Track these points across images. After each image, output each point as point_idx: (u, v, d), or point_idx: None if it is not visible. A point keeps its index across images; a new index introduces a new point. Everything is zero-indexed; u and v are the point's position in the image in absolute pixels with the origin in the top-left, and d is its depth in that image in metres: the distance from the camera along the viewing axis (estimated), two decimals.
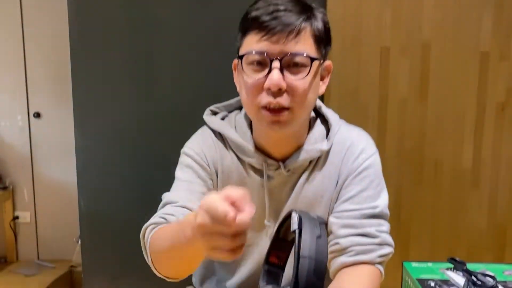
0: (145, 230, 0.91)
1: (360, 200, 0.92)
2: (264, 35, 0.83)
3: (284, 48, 0.83)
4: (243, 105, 0.94)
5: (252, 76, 0.86)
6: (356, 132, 1.00)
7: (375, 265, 0.88)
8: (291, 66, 0.84)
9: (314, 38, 0.86)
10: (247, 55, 0.86)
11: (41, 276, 2.81)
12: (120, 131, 1.59)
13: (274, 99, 0.84)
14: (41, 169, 3.15)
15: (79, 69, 1.57)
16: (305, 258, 0.55)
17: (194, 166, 0.98)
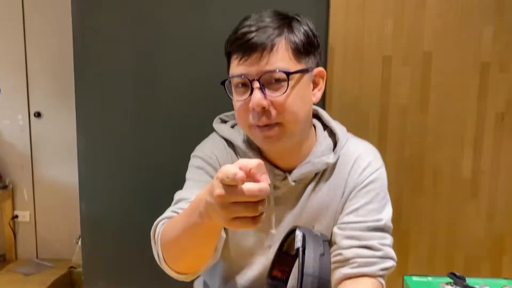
0: (156, 225, 0.92)
1: (364, 213, 0.94)
2: (241, 58, 0.86)
3: (260, 67, 0.85)
4: (238, 124, 0.98)
5: (238, 99, 0.89)
6: (363, 145, 1.02)
7: (377, 278, 0.89)
8: (272, 83, 0.86)
9: (291, 51, 0.87)
10: (231, 79, 0.90)
11: (40, 275, 2.82)
12: (122, 133, 1.60)
13: (260, 120, 0.87)
14: (41, 169, 3.16)
15: (82, 71, 1.58)
16: (309, 276, 0.56)
17: (206, 167, 0.99)
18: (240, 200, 0.60)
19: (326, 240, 0.61)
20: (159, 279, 1.61)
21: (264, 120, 0.86)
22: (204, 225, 0.70)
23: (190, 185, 0.99)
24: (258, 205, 0.61)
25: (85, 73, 1.58)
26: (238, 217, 0.62)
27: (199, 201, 0.70)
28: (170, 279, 1.43)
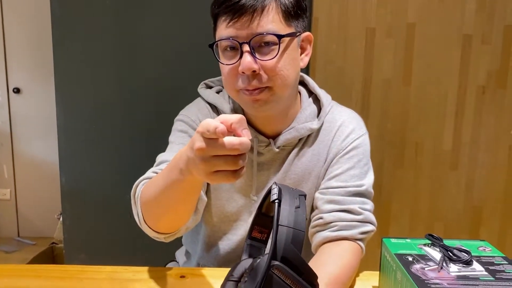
0: (137, 186, 0.91)
1: (346, 178, 0.94)
2: (230, 20, 0.83)
3: (250, 30, 0.82)
4: (225, 90, 0.95)
5: (226, 63, 0.86)
6: (347, 112, 1.02)
7: (356, 242, 0.90)
8: (262, 46, 0.84)
9: (282, 14, 0.85)
10: (218, 42, 0.87)
11: (21, 252, 2.80)
12: (102, 107, 1.58)
13: (250, 83, 0.85)
14: (21, 146, 3.11)
15: (60, 45, 1.54)
16: (284, 227, 0.56)
17: (189, 130, 0.98)
18: (220, 153, 0.60)
19: (302, 195, 0.62)
20: (141, 251, 1.62)
21: (255, 84, 0.84)
22: (185, 181, 0.70)
23: (172, 147, 0.98)
24: (239, 159, 0.60)
25: (64, 46, 1.54)
26: (218, 171, 0.62)
27: (180, 158, 0.69)
28: (152, 251, 1.43)
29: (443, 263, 0.73)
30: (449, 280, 0.68)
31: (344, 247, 0.88)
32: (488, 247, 0.81)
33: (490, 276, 0.70)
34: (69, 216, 1.66)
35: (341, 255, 0.86)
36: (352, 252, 0.88)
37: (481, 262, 0.74)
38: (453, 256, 0.75)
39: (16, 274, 0.91)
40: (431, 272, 0.71)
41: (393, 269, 0.77)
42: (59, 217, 2.51)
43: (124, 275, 0.91)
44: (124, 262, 0.96)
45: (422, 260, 0.75)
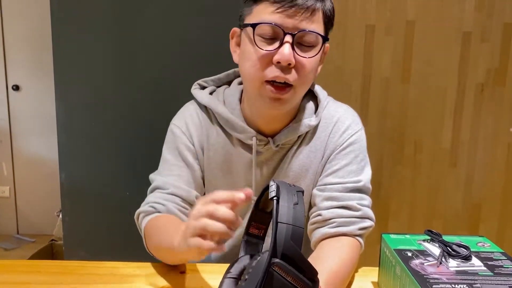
0: (138, 216, 0.97)
1: (343, 174, 0.94)
2: (280, 7, 0.81)
3: (299, 24, 0.81)
4: (244, 78, 0.92)
5: (261, 48, 0.83)
6: (343, 108, 1.02)
7: (355, 237, 0.90)
8: (302, 45, 0.84)
9: (324, 19, 0.86)
10: (260, 25, 0.83)
11: (21, 250, 2.80)
12: (102, 104, 1.58)
13: (282, 74, 0.83)
14: (21, 143, 3.10)
15: (60, 41, 1.54)
16: (283, 224, 0.56)
17: (181, 147, 0.98)
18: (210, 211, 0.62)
19: (300, 191, 0.62)
20: (141, 248, 1.62)
21: (285, 78, 0.83)
22: (178, 253, 0.73)
23: (164, 168, 0.98)
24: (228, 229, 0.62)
25: (64, 43, 1.54)
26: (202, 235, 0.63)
27: (176, 233, 0.72)
28: None
29: (442, 258, 0.73)
30: (448, 275, 0.68)
31: (343, 243, 0.88)
32: (487, 243, 0.82)
33: (489, 271, 0.70)
34: (68, 213, 1.66)
35: (340, 250, 0.87)
36: (351, 248, 0.88)
37: (480, 258, 0.75)
38: (452, 251, 0.75)
39: (16, 269, 0.91)
40: (430, 267, 0.71)
41: (393, 264, 0.77)
42: (59, 214, 2.52)
43: (124, 270, 0.91)
44: (124, 259, 0.97)
45: (421, 256, 0.75)
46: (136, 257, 1.57)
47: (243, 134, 0.95)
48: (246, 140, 0.95)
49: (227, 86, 1.02)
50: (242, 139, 0.95)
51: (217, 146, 0.97)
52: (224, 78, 1.05)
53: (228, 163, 0.98)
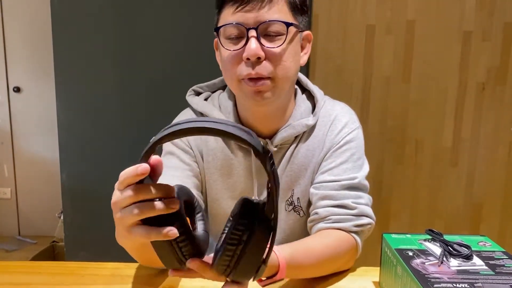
0: None
1: (339, 172, 0.94)
2: (238, 6, 0.82)
3: (259, 16, 0.82)
4: (225, 81, 0.93)
5: (229, 49, 0.85)
6: (340, 106, 1.01)
7: (351, 234, 0.90)
8: (268, 35, 0.83)
9: (289, 6, 0.85)
10: (223, 28, 0.85)
11: (22, 251, 2.80)
12: (102, 105, 1.58)
13: (254, 70, 0.83)
14: (22, 144, 3.11)
15: (60, 43, 1.54)
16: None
17: (176, 151, 0.97)
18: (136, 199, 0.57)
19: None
20: None
21: (258, 71, 0.82)
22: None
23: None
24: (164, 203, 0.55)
25: (64, 44, 1.54)
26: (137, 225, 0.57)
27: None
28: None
29: (444, 257, 0.73)
30: (450, 275, 0.68)
31: (332, 234, 0.88)
32: (488, 242, 0.81)
33: (490, 270, 0.70)
34: (69, 214, 1.66)
35: (325, 235, 0.88)
36: (339, 239, 0.88)
37: (481, 257, 0.74)
38: (453, 250, 0.75)
39: (18, 270, 0.91)
40: (431, 266, 0.71)
41: (394, 264, 0.77)
42: (60, 216, 2.52)
43: (125, 271, 0.91)
44: (125, 260, 0.96)
45: (422, 255, 0.75)
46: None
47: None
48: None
49: (222, 91, 1.02)
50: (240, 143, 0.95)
51: (215, 151, 0.97)
52: (218, 83, 1.05)
53: (228, 167, 0.97)
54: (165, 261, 0.59)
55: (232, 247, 0.56)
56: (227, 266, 0.57)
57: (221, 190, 0.99)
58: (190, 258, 0.58)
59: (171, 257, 0.57)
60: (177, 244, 0.57)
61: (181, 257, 0.58)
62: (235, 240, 0.56)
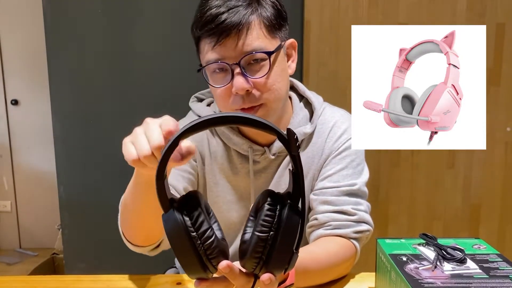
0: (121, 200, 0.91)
1: (338, 178, 0.94)
2: (216, 41, 0.82)
3: (238, 50, 0.82)
4: (220, 110, 0.95)
5: (218, 85, 0.86)
6: (340, 113, 1.02)
7: (350, 240, 0.90)
8: (252, 64, 0.84)
9: (265, 28, 0.85)
10: (206, 66, 0.86)
11: (23, 264, 2.79)
12: (98, 116, 1.58)
13: (245, 103, 0.85)
14: (21, 157, 3.11)
15: (55, 56, 1.55)
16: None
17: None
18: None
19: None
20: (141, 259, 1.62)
21: (249, 103, 0.85)
22: (138, 176, 0.71)
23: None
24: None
25: (58, 57, 1.55)
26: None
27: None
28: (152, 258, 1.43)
29: (437, 262, 0.73)
30: (443, 279, 0.68)
31: (335, 241, 0.89)
32: (483, 245, 0.81)
33: (484, 274, 0.70)
34: (68, 226, 1.66)
35: (328, 242, 0.88)
36: (341, 246, 0.88)
37: (475, 260, 0.74)
38: (447, 254, 0.75)
39: (13, 286, 0.91)
40: (425, 271, 0.71)
41: (388, 269, 0.77)
42: (59, 228, 2.52)
43: (120, 283, 0.91)
44: (124, 270, 0.96)
45: (416, 260, 0.75)
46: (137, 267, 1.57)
47: (239, 145, 0.95)
48: (243, 151, 0.96)
49: None
50: (239, 150, 0.96)
51: (216, 154, 0.98)
52: None
53: (228, 172, 0.98)
54: (189, 269, 0.56)
55: (264, 235, 0.55)
56: (259, 258, 0.55)
57: (221, 193, 0.99)
58: (218, 263, 0.56)
59: (196, 264, 0.55)
60: (204, 251, 0.55)
61: (208, 263, 0.55)
62: (266, 228, 0.55)
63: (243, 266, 0.58)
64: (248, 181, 0.98)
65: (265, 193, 0.59)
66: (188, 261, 0.55)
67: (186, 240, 0.54)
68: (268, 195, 0.58)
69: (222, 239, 0.60)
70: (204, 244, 0.55)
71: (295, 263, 0.58)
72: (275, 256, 0.55)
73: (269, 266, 0.56)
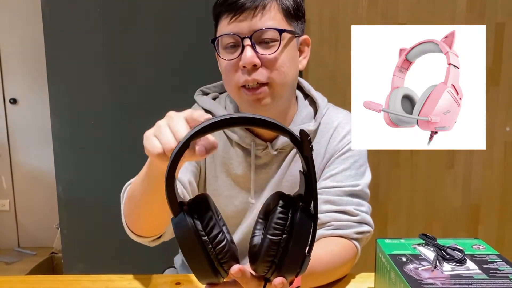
0: (125, 188, 0.91)
1: (341, 179, 0.95)
2: (232, 16, 0.85)
3: (252, 25, 0.84)
4: (226, 89, 0.96)
5: (225, 58, 0.87)
6: (343, 114, 1.02)
7: (351, 241, 0.90)
8: (264, 42, 0.86)
9: (282, 13, 0.87)
10: (219, 39, 0.88)
11: (22, 263, 2.79)
12: (96, 114, 1.58)
13: (250, 77, 0.85)
14: (19, 156, 3.10)
15: (53, 55, 1.55)
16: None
17: None
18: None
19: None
20: (140, 258, 1.62)
21: (255, 78, 0.85)
22: (149, 166, 0.71)
23: None
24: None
25: (57, 55, 1.55)
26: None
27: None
28: (151, 258, 1.43)
29: (437, 262, 0.73)
30: (443, 280, 0.68)
31: (337, 242, 0.89)
32: (482, 245, 0.81)
33: (484, 274, 0.70)
34: (66, 226, 1.66)
35: (331, 243, 0.88)
36: (343, 247, 0.89)
37: (474, 261, 0.74)
38: (447, 255, 0.75)
39: (11, 286, 0.91)
40: (424, 272, 0.71)
41: (387, 269, 0.77)
42: (58, 227, 2.51)
43: (119, 283, 0.91)
44: (123, 270, 0.96)
45: (416, 260, 0.75)
46: (136, 267, 1.57)
47: (242, 139, 0.95)
48: (245, 144, 0.96)
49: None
50: (242, 143, 0.96)
51: (219, 149, 0.98)
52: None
53: (228, 166, 0.98)
54: (200, 274, 0.55)
55: (277, 238, 0.54)
56: (272, 262, 0.54)
57: (220, 187, 1.00)
58: (229, 267, 0.54)
59: (208, 269, 0.54)
60: (215, 255, 0.54)
61: (219, 267, 0.54)
62: (279, 231, 0.54)
63: (255, 270, 0.57)
64: (248, 176, 0.98)
65: (275, 195, 0.58)
66: (199, 266, 0.54)
67: (197, 244, 0.53)
68: (280, 197, 0.57)
69: (231, 242, 0.59)
70: (216, 248, 0.54)
71: (307, 266, 0.57)
72: (288, 260, 0.54)
73: (281, 270, 0.55)
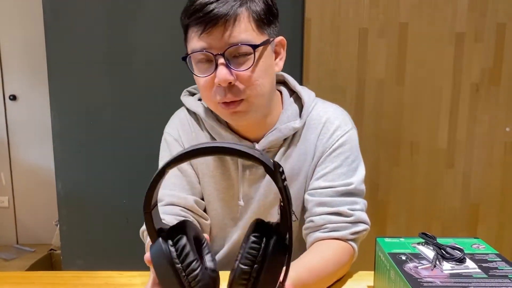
0: (142, 234, 0.97)
1: (333, 177, 0.93)
2: (202, 31, 0.82)
3: (224, 41, 0.81)
4: (203, 101, 0.95)
5: (201, 75, 0.86)
6: (332, 108, 1.00)
7: (347, 242, 0.90)
8: (237, 56, 0.83)
9: (254, 22, 0.84)
10: (191, 55, 0.86)
11: (20, 260, 2.79)
12: (96, 112, 1.58)
13: (226, 95, 0.84)
14: (19, 153, 3.10)
15: (54, 52, 1.55)
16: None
17: (173, 152, 0.98)
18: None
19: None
20: (139, 255, 1.62)
21: (230, 97, 0.84)
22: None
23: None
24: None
25: (57, 52, 1.55)
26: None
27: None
28: None
29: (436, 261, 0.73)
30: (442, 278, 0.68)
31: (331, 245, 0.89)
32: (482, 245, 0.81)
33: (483, 273, 0.70)
34: (65, 223, 1.66)
35: (325, 251, 0.87)
36: (339, 250, 0.88)
37: (474, 260, 0.74)
38: (446, 254, 0.75)
39: (11, 281, 0.91)
40: (424, 270, 0.71)
41: (387, 268, 0.77)
42: (57, 224, 2.51)
43: (119, 280, 0.91)
44: (122, 267, 0.96)
45: (415, 259, 0.75)
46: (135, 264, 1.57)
47: (227, 140, 0.95)
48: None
49: None
50: None
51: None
52: None
53: (219, 169, 0.98)
54: None
55: (248, 268, 0.54)
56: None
57: (213, 190, 0.99)
58: None
59: None
60: (188, 283, 0.54)
61: None
62: (249, 261, 0.54)
63: None
64: (236, 178, 0.97)
65: (253, 222, 0.58)
66: None
67: (171, 271, 0.54)
68: (256, 225, 0.57)
69: (213, 270, 0.59)
70: (189, 276, 0.54)
71: None
72: None
73: None
